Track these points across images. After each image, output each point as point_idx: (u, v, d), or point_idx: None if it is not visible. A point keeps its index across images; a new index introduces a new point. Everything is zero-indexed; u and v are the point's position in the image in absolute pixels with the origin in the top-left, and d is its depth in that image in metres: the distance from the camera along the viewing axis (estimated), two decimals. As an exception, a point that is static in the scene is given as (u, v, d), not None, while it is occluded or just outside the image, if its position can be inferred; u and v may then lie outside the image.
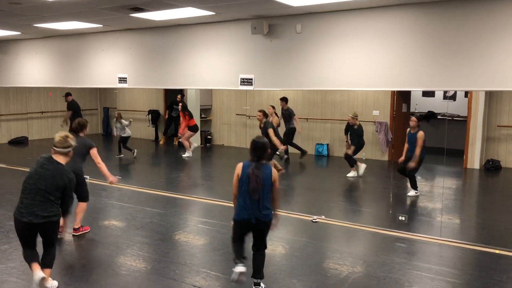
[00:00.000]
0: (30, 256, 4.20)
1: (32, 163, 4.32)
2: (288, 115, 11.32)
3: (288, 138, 11.29)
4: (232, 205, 4.38)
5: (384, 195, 8.41)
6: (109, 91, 16.43)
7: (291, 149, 11.55)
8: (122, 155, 11.95)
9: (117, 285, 4.45)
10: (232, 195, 4.34)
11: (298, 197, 8.42)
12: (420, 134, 7.74)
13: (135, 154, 11.77)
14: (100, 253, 5.27)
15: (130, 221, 6.51)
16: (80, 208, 5.99)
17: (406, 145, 8.14)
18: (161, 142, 14.68)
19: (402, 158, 8.15)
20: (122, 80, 8.06)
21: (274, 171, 4.27)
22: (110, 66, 8.21)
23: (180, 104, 12.10)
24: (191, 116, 12.07)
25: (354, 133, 9.60)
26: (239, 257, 4.34)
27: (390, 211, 7.25)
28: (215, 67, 7.02)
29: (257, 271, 4.29)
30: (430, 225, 6.55)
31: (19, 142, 14.42)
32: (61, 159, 4.26)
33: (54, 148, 4.28)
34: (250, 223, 4.21)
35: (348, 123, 9.74)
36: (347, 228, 6.35)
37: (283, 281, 4.57)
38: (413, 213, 7.11)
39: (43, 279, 4.03)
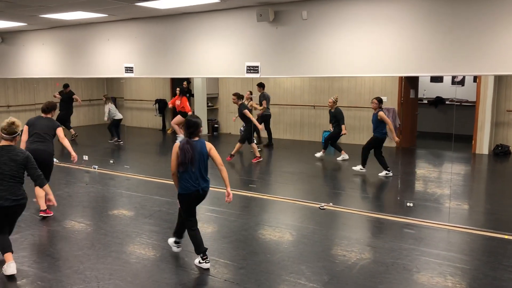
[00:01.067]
0: (5, 244, 4.53)
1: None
2: (263, 100, 11.42)
3: (265, 124, 11.46)
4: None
5: (392, 181, 8.39)
6: (116, 81, 16.46)
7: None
8: (116, 139, 12.13)
9: (127, 273, 4.50)
10: (171, 173, 4.64)
11: (305, 184, 8.43)
12: (381, 113, 8.38)
13: (121, 142, 12.06)
14: (109, 242, 5.33)
15: (138, 210, 6.56)
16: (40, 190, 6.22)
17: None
18: (169, 131, 14.72)
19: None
20: (129, 69, 8.07)
21: (208, 145, 4.58)
22: (117, 56, 8.21)
23: (178, 88, 12.14)
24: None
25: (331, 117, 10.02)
26: (180, 235, 4.85)
27: (398, 198, 7.24)
28: (221, 55, 7.00)
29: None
30: (438, 211, 6.54)
31: (28, 132, 14.53)
32: (9, 143, 4.60)
33: (3, 134, 4.59)
34: (198, 194, 4.57)
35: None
36: (355, 215, 6.35)
37: (291, 268, 4.60)
38: (421, 199, 7.10)
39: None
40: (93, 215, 6.40)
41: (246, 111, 9.72)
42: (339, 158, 10.01)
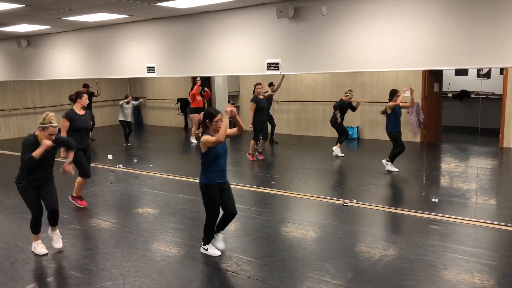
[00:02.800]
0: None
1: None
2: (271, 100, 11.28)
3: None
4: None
5: (416, 177, 8.27)
6: (138, 81, 16.66)
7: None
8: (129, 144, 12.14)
9: (152, 270, 4.57)
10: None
11: (328, 180, 8.38)
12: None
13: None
14: (135, 240, 5.40)
15: (162, 208, 6.64)
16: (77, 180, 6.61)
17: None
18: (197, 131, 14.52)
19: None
20: (150, 69, 8.15)
21: (202, 138, 4.59)
22: (138, 56, 8.30)
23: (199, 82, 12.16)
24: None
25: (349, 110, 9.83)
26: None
27: (423, 193, 7.13)
28: (241, 53, 7.00)
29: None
30: (464, 206, 6.42)
31: (54, 133, 14.83)
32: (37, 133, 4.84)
33: None
34: None
35: (347, 101, 9.74)
36: (379, 211, 6.29)
37: (314, 265, 4.59)
38: (447, 194, 6.98)
39: None
40: (118, 213, 6.51)
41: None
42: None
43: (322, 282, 4.20)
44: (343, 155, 9.85)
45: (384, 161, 8.50)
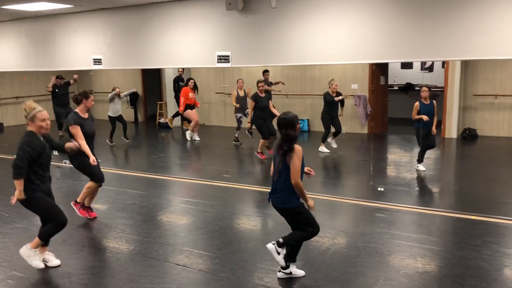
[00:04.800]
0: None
1: (9, 149, 4.25)
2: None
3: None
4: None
5: (364, 167, 8.52)
6: (85, 74, 16.09)
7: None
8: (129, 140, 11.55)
9: (100, 267, 4.46)
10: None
11: (279, 173, 8.46)
12: (435, 102, 8.14)
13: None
14: (82, 237, 5.26)
15: (111, 204, 6.49)
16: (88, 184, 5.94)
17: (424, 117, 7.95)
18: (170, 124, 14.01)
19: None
20: (97, 61, 7.91)
21: (293, 164, 4.07)
22: (84, 48, 8.03)
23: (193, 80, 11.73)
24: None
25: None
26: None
27: (371, 183, 7.36)
28: (191, 45, 6.93)
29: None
30: (409, 194, 6.68)
31: (-6, 128, 14.14)
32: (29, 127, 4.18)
33: None
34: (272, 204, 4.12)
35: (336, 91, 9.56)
36: (328, 201, 6.43)
37: (265, 256, 4.61)
38: (392, 184, 7.23)
39: None
40: (65, 210, 6.19)
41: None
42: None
43: (273, 272, 4.25)
44: (328, 151, 9.60)
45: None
